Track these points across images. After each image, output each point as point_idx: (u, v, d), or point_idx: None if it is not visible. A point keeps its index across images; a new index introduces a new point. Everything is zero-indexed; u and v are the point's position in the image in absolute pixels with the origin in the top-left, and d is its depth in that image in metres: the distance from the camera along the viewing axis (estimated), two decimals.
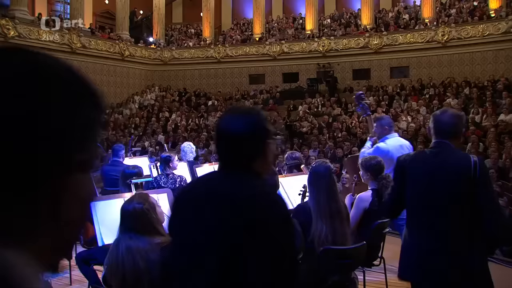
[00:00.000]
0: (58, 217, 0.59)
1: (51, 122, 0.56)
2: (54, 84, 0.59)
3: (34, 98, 0.56)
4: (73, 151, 0.59)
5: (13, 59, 0.59)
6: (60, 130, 0.57)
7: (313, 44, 22.25)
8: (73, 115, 0.59)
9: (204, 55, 24.28)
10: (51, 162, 0.56)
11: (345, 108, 18.43)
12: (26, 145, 0.54)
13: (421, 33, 20.15)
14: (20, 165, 0.54)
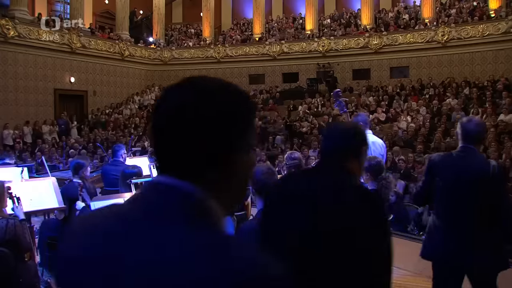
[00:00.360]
0: (235, 179, 0.97)
1: (242, 123, 0.98)
2: (242, 106, 1.01)
3: (236, 112, 0.97)
4: (249, 139, 0.99)
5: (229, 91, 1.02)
6: (244, 127, 0.98)
7: (313, 44, 22.26)
8: (248, 119, 1.00)
9: (204, 55, 24.28)
10: (238, 145, 0.96)
11: None
12: (228, 132, 0.94)
13: (421, 33, 20.16)
14: (222, 144, 0.93)
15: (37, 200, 4.89)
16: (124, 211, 0.98)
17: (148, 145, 16.26)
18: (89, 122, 20.28)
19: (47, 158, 14.47)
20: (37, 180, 5.38)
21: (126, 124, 20.01)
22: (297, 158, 5.11)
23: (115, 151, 6.76)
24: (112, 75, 22.55)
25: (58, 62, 19.77)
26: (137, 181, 4.38)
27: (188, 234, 0.87)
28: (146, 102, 22.95)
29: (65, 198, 5.10)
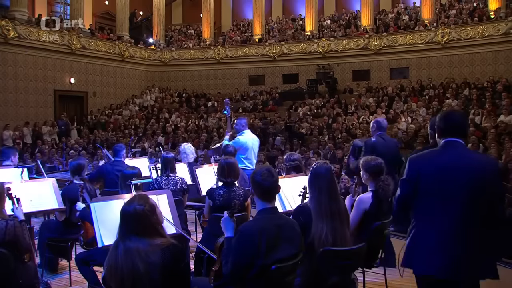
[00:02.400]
0: None
1: None
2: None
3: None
4: None
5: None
6: None
7: (312, 45, 22.27)
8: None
9: (204, 56, 24.30)
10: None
11: (345, 109, 18.42)
12: None
13: (421, 34, 20.16)
14: None
15: (37, 201, 4.90)
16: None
17: (148, 146, 16.27)
18: (89, 123, 20.28)
19: (47, 159, 14.52)
20: (37, 181, 5.37)
21: (126, 125, 20.01)
22: (297, 159, 5.13)
23: (117, 151, 6.75)
24: (112, 76, 22.56)
25: (58, 63, 19.78)
26: (136, 182, 4.37)
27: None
28: (146, 103, 22.97)
29: (65, 199, 5.11)
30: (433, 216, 3.01)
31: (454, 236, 2.94)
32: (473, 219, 2.94)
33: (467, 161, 3.03)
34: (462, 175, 2.96)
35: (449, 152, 3.07)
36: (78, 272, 4.72)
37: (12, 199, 4.00)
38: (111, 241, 2.96)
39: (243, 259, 2.93)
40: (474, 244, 2.94)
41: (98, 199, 3.96)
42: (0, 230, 3.37)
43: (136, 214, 2.61)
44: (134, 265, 2.55)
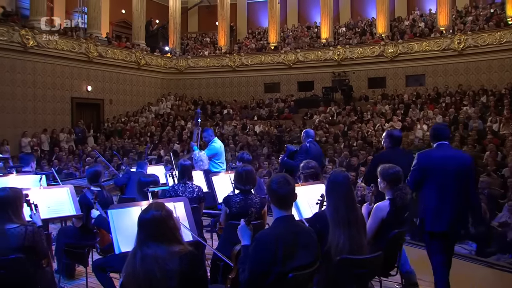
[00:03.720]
0: None
1: None
2: None
3: None
4: None
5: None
6: None
7: (328, 53, 22.25)
8: None
9: (219, 64, 24.40)
10: None
11: (360, 117, 18.34)
12: None
13: (437, 41, 20.04)
14: None
15: (54, 207, 4.93)
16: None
17: (164, 153, 16.34)
18: (106, 131, 20.44)
19: (63, 166, 14.64)
20: (55, 188, 5.41)
21: (142, 133, 20.14)
22: (314, 167, 5.11)
23: (141, 165, 6.91)
24: (128, 83, 22.75)
25: (75, 71, 20.01)
26: (154, 189, 4.39)
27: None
28: (162, 110, 23.10)
29: (82, 206, 5.14)
30: (434, 191, 4.43)
31: (448, 203, 4.39)
32: (458, 192, 4.43)
33: (453, 155, 4.64)
34: (451, 163, 4.47)
35: (441, 150, 4.62)
36: (94, 279, 4.75)
37: (30, 205, 4.05)
38: (128, 248, 2.97)
39: (260, 267, 2.92)
40: (458, 208, 4.43)
41: (115, 206, 3.99)
42: (19, 236, 3.41)
43: (154, 220, 2.62)
44: (152, 272, 2.56)
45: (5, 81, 17.31)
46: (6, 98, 17.40)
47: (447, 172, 4.42)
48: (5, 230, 3.41)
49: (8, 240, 3.39)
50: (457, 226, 4.46)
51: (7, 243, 3.38)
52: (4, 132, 17.01)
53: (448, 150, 4.66)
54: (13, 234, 3.41)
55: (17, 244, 3.39)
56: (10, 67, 17.49)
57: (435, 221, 4.39)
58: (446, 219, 4.37)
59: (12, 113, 17.60)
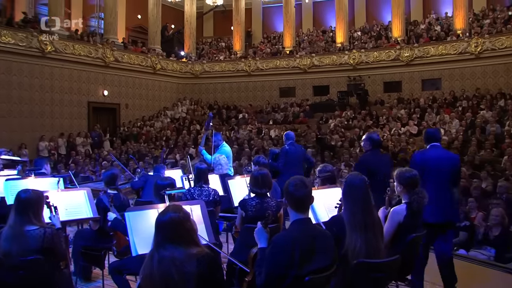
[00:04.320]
0: None
1: None
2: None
3: None
4: None
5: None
6: None
7: (343, 57, 22.20)
8: None
9: (234, 68, 24.46)
10: None
11: (376, 121, 18.25)
12: None
13: (453, 44, 19.86)
14: None
15: (72, 210, 4.98)
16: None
17: (179, 157, 16.41)
18: (122, 135, 20.59)
19: (80, 170, 14.78)
20: (72, 190, 5.47)
21: (157, 137, 20.25)
22: (331, 171, 5.10)
23: (158, 169, 6.95)
24: (144, 88, 22.90)
25: (92, 76, 20.21)
26: (170, 192, 4.41)
27: None
28: (177, 115, 23.20)
29: (99, 208, 5.18)
30: (430, 185, 4.81)
31: (443, 197, 4.95)
32: (450, 186, 5.11)
33: (445, 155, 5.38)
34: (444, 162, 5.16)
35: (434, 150, 5.31)
36: (111, 281, 4.77)
37: (50, 207, 4.09)
38: (145, 250, 2.98)
39: (277, 270, 2.92)
40: (451, 200, 5.08)
41: (133, 209, 4.01)
42: (39, 237, 3.45)
43: (171, 222, 2.63)
44: (169, 274, 2.56)
45: (23, 86, 17.54)
46: (24, 102, 17.63)
47: (440, 169, 5.07)
48: (25, 232, 3.46)
49: (28, 242, 3.43)
50: (452, 216, 5.21)
51: (26, 245, 3.42)
52: (22, 136, 17.23)
53: (440, 150, 5.43)
54: (32, 235, 3.45)
55: (36, 245, 3.44)
56: (29, 72, 17.72)
57: (434, 213, 4.81)
58: (443, 210, 4.97)
59: (30, 117, 17.82)
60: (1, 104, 16.91)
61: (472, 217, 7.98)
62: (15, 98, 17.34)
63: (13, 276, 3.42)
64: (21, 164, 8.22)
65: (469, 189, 9.27)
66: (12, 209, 3.62)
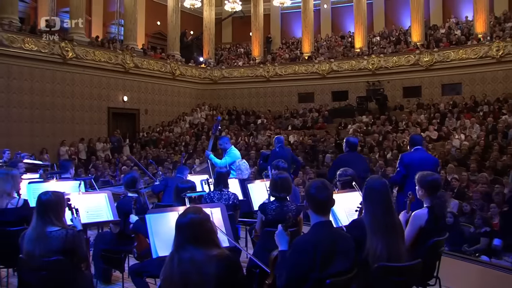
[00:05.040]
0: None
1: None
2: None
3: None
4: None
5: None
6: None
7: (362, 62, 22.10)
8: None
9: (253, 74, 24.51)
10: None
11: (395, 126, 18.11)
12: None
13: (474, 48, 19.63)
14: None
15: (93, 212, 5.02)
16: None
17: (198, 162, 16.45)
18: (141, 140, 20.74)
19: (100, 174, 14.92)
20: (94, 193, 5.52)
21: (176, 142, 20.35)
22: (351, 175, 5.08)
23: (181, 170, 6.99)
24: (163, 94, 23.07)
25: (112, 82, 20.43)
26: (191, 194, 4.43)
27: None
28: (196, 120, 23.31)
29: (120, 212, 5.21)
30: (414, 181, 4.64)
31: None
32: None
33: (427, 157, 6.51)
34: (427, 163, 6.05)
35: (418, 153, 6.34)
36: (130, 284, 4.79)
37: (71, 209, 4.13)
38: (166, 253, 2.99)
39: (297, 273, 2.91)
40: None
41: (153, 211, 4.03)
42: (61, 239, 3.49)
43: (192, 223, 2.63)
44: (189, 275, 2.56)
45: (45, 92, 17.82)
46: (46, 108, 17.89)
47: (423, 168, 5.21)
48: (47, 233, 3.50)
49: (50, 243, 3.47)
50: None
51: (49, 246, 3.46)
52: (44, 141, 17.48)
53: (423, 153, 6.52)
54: (54, 236, 3.49)
55: (58, 246, 3.47)
56: (50, 78, 18.00)
57: (415, 207, 4.93)
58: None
59: (52, 122, 18.08)
60: (23, 110, 17.19)
61: (494, 223, 7.89)
62: (38, 104, 17.61)
63: (36, 276, 3.47)
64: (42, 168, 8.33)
65: (491, 195, 9.14)
66: (34, 211, 3.67)
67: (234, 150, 8.45)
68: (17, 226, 4.65)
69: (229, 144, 8.49)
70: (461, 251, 7.14)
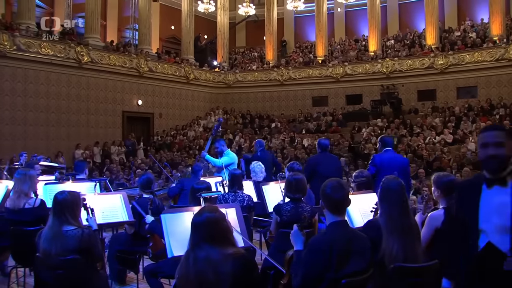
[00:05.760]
0: None
1: None
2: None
3: None
4: None
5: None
6: None
7: (376, 65, 22.02)
8: None
9: (267, 78, 24.53)
10: None
11: (410, 130, 18.00)
12: None
13: (490, 51, 19.45)
14: None
15: (108, 213, 5.06)
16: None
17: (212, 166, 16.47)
18: (155, 144, 20.83)
19: (114, 177, 15.02)
20: (109, 194, 5.56)
21: (190, 146, 20.41)
22: (367, 176, 5.07)
23: (196, 171, 7.01)
24: (177, 98, 23.17)
25: (126, 86, 20.56)
26: (206, 194, 4.45)
27: None
28: (210, 124, 23.34)
29: (135, 213, 5.24)
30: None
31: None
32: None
33: (397, 157, 7.10)
34: (396, 162, 6.74)
35: (388, 154, 6.89)
36: (145, 285, 4.81)
37: (87, 209, 4.16)
38: (181, 252, 2.99)
39: (313, 272, 2.89)
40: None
41: (168, 211, 4.04)
42: (76, 238, 3.51)
43: (208, 222, 2.63)
44: (204, 274, 2.55)
45: (61, 96, 17.98)
46: (62, 111, 18.05)
47: (393, 169, 6.19)
48: (63, 232, 3.53)
49: (66, 242, 3.50)
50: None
51: (65, 244, 3.49)
52: (59, 144, 17.64)
53: (393, 153, 7.09)
54: (70, 235, 3.52)
55: (74, 245, 3.50)
56: (66, 82, 18.16)
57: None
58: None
59: (67, 126, 18.23)
60: (39, 114, 17.36)
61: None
62: (53, 108, 17.77)
63: (52, 275, 3.49)
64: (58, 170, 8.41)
65: None
66: (51, 211, 3.71)
67: (231, 153, 8.43)
68: (34, 226, 4.70)
69: (226, 147, 8.50)
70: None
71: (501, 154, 2.63)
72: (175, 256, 3.59)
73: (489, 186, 2.67)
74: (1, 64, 16.18)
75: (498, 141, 2.65)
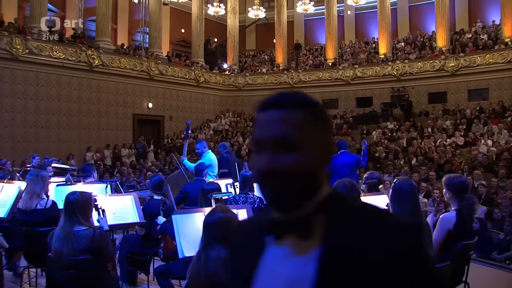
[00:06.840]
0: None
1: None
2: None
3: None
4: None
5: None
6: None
7: (386, 68, 21.93)
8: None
9: (277, 80, 24.51)
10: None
11: (420, 133, 17.91)
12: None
13: (502, 53, 19.28)
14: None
15: (119, 214, 5.08)
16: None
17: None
18: (165, 146, 20.89)
19: (125, 180, 15.08)
20: (120, 196, 5.58)
21: None
22: (377, 178, 5.05)
23: (199, 171, 6.96)
24: (187, 100, 23.23)
25: (137, 89, 20.65)
26: (217, 195, 4.45)
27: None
28: (220, 127, 23.39)
29: (146, 214, 5.25)
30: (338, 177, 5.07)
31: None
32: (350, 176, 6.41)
33: (349, 156, 8.42)
34: (348, 161, 8.09)
35: (343, 155, 8.16)
36: (155, 286, 4.83)
37: (98, 210, 4.19)
38: (192, 253, 3.00)
39: None
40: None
41: (179, 212, 4.06)
42: (88, 238, 3.53)
43: (220, 221, 2.64)
44: (215, 274, 2.56)
45: (72, 99, 18.09)
46: (73, 114, 18.16)
47: (345, 168, 7.62)
48: (75, 232, 3.55)
49: (78, 242, 3.52)
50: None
51: (76, 244, 3.51)
52: (70, 146, 17.75)
53: (347, 155, 8.41)
54: (82, 235, 3.54)
55: (85, 245, 3.52)
56: (77, 85, 18.28)
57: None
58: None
59: (78, 128, 18.34)
60: (51, 116, 17.48)
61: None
62: (65, 111, 17.89)
63: (64, 275, 3.51)
64: (69, 172, 8.47)
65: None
66: (62, 211, 3.73)
67: (210, 154, 8.39)
68: (46, 227, 4.73)
69: (207, 148, 8.50)
70: (491, 258, 7.00)
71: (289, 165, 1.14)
72: (186, 257, 3.60)
73: (278, 239, 1.16)
74: (14, 67, 16.32)
75: (281, 136, 1.16)
